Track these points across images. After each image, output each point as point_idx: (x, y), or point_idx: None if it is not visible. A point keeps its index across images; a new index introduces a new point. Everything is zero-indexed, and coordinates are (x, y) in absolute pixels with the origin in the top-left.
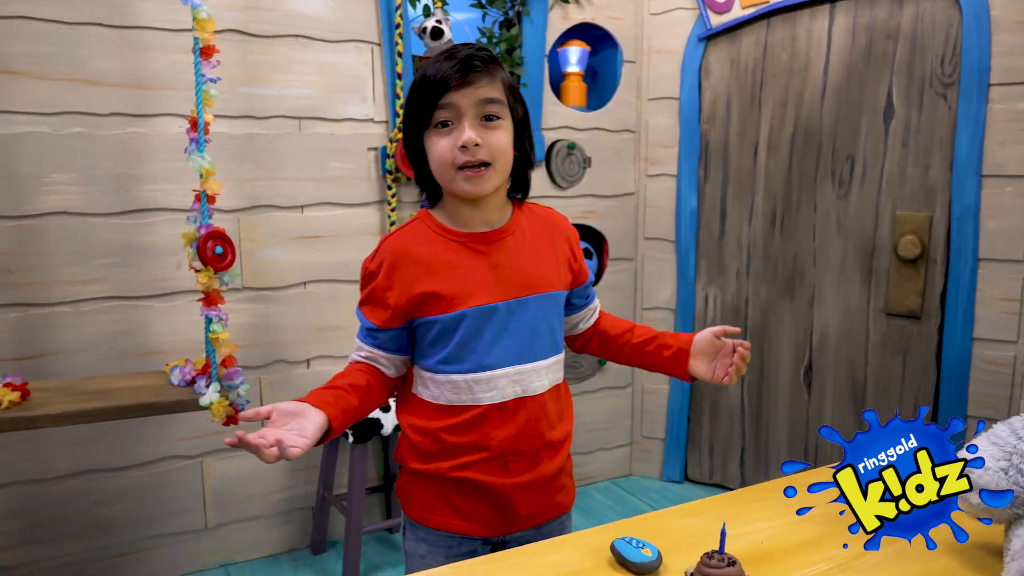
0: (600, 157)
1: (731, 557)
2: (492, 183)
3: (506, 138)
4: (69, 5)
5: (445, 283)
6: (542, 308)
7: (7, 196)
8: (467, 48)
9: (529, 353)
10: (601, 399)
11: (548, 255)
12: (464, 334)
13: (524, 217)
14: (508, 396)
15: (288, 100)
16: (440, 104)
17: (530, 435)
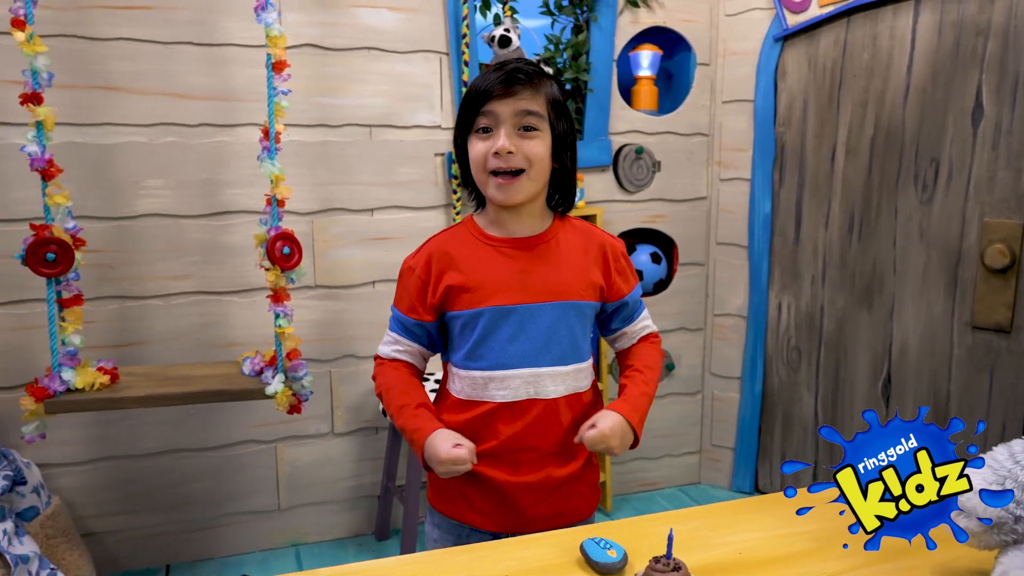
0: (671, 161)
1: (677, 562)
2: (524, 191)
3: (541, 149)
4: (164, 27)
5: (470, 280)
6: (564, 315)
7: (109, 199)
8: (516, 62)
9: (545, 357)
10: (669, 405)
11: (579, 266)
12: (482, 331)
13: (563, 229)
14: (520, 396)
15: (360, 109)
16: (482, 111)
17: (539, 436)
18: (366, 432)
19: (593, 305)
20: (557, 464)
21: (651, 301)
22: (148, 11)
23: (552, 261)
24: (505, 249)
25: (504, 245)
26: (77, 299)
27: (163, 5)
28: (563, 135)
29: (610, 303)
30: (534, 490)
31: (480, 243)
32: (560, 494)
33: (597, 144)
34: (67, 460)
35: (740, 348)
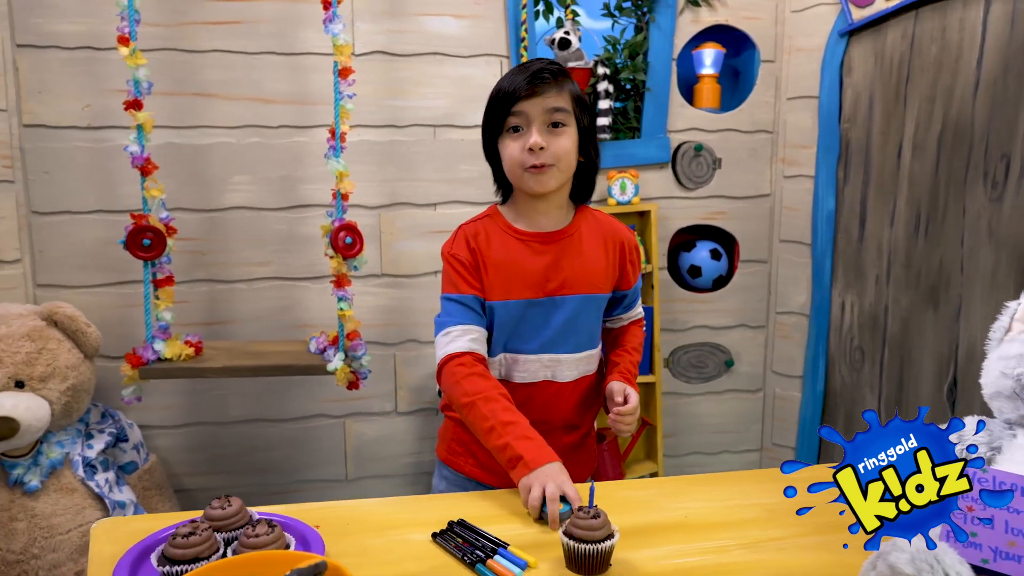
0: (732, 158)
1: (597, 510)
2: (555, 181)
3: (570, 143)
4: (251, 39)
5: (503, 274)
6: (582, 307)
7: (201, 194)
8: (539, 63)
9: (563, 345)
10: (728, 401)
11: (600, 259)
12: (510, 321)
13: (585, 221)
14: (538, 378)
15: (425, 110)
16: (512, 111)
17: (549, 413)
18: (427, 412)
19: (607, 297)
20: (562, 434)
21: (710, 297)
22: (238, 25)
23: (576, 255)
24: (533, 244)
25: (532, 239)
26: (169, 280)
27: (251, 19)
28: (587, 129)
29: (619, 292)
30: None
31: (509, 236)
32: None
33: (655, 142)
34: (164, 423)
35: (802, 347)
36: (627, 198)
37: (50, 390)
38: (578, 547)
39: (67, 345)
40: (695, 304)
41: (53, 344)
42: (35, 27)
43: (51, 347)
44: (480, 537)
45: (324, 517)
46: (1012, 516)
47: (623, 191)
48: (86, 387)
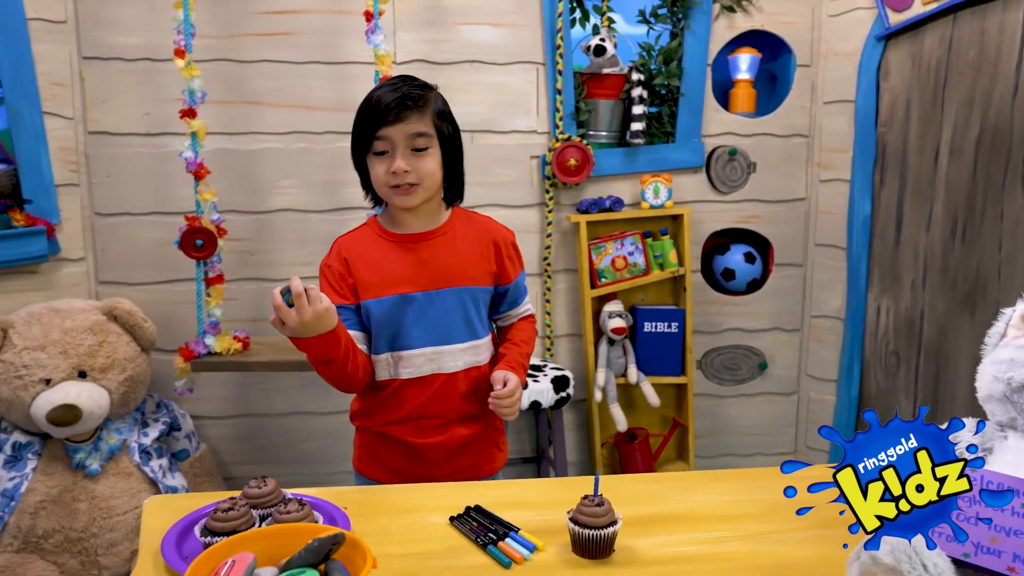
0: (767, 162)
1: (602, 499)
2: (420, 198)
3: (433, 163)
4: (298, 50)
5: (375, 274)
6: (460, 299)
7: (250, 196)
8: (405, 85)
9: (446, 337)
10: (761, 404)
11: (474, 255)
12: (388, 318)
13: (459, 221)
14: (424, 372)
15: (463, 116)
16: (377, 136)
17: (441, 405)
18: None
19: (487, 289)
20: (459, 427)
21: (744, 300)
22: (286, 36)
23: (448, 251)
24: (405, 244)
25: (404, 240)
26: (219, 278)
27: (298, 31)
28: (450, 138)
29: (501, 287)
30: (439, 449)
31: (382, 240)
32: (465, 452)
33: (689, 146)
34: (214, 414)
35: (837, 350)
36: (660, 202)
37: (110, 380)
38: (583, 532)
39: (126, 338)
40: (728, 307)
41: (113, 337)
42: (99, 40)
43: (111, 340)
44: (494, 521)
45: (352, 500)
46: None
47: (656, 195)
48: (142, 378)
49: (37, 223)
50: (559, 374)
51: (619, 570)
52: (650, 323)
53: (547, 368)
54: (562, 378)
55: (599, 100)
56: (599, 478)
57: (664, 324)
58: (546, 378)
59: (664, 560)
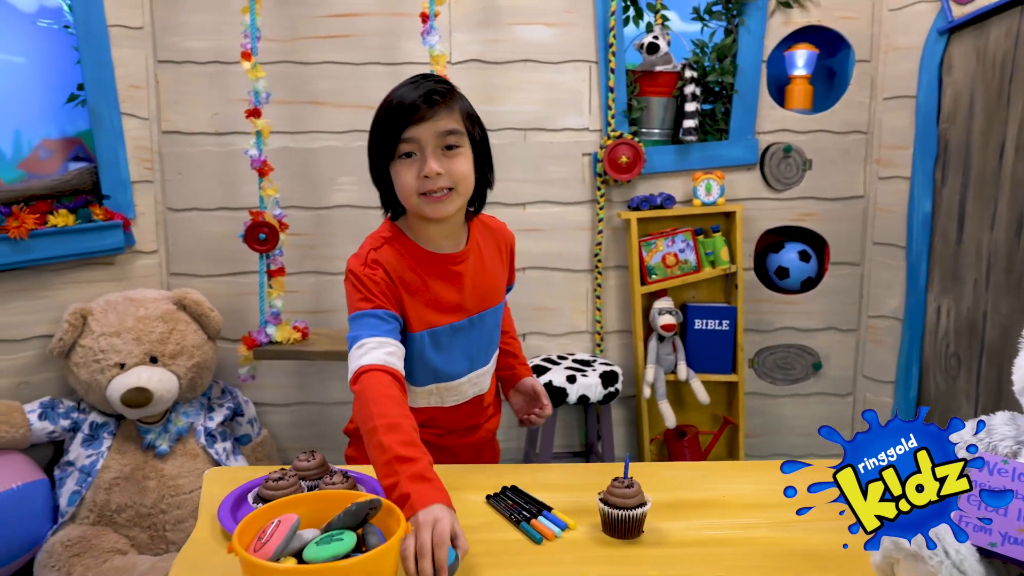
0: (824, 159)
1: (631, 481)
2: (455, 206)
3: (467, 164)
4: (357, 51)
5: (422, 301)
6: (494, 319)
7: (311, 193)
8: (427, 82)
9: (482, 358)
10: (815, 405)
11: (498, 268)
12: (437, 348)
13: (477, 231)
14: (469, 396)
15: (516, 115)
16: (403, 138)
17: (474, 417)
18: None
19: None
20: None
21: (798, 299)
22: (347, 38)
23: (481, 270)
24: (446, 265)
25: (444, 262)
26: (280, 271)
27: (357, 33)
28: (481, 142)
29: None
30: (470, 448)
31: (421, 261)
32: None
33: (743, 143)
34: (275, 402)
35: (895, 352)
36: (712, 199)
37: (179, 366)
38: (612, 512)
39: (193, 327)
40: (782, 305)
41: (182, 326)
42: (173, 45)
43: (180, 328)
44: (528, 501)
45: None
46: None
47: (708, 192)
48: (209, 365)
49: (114, 217)
50: (608, 369)
51: (647, 550)
52: (701, 320)
53: (596, 363)
54: (611, 373)
55: (652, 98)
56: (629, 461)
57: (715, 321)
58: (595, 373)
59: (691, 543)
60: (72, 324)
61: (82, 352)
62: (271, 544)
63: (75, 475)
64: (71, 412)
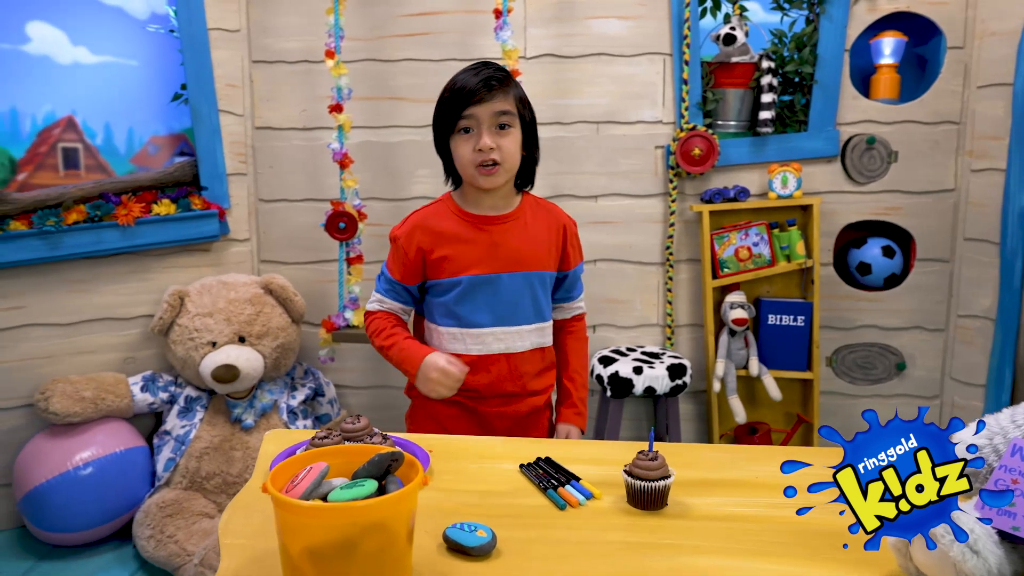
0: (910, 151)
1: (656, 454)
2: (502, 178)
3: (515, 143)
4: (435, 48)
5: (451, 252)
6: (528, 282)
7: (391, 184)
8: (487, 69)
9: (513, 318)
10: (898, 406)
11: (543, 240)
12: (461, 296)
13: (530, 207)
14: (493, 351)
15: (589, 108)
16: (463, 115)
17: (511, 383)
18: None
19: (552, 274)
20: (525, 399)
21: (881, 296)
22: (426, 36)
23: (519, 236)
24: (480, 225)
25: (479, 221)
26: (359, 258)
27: (436, 31)
28: (529, 125)
29: (561, 272)
30: (506, 418)
31: (457, 218)
32: (523, 424)
33: (823, 135)
34: (353, 384)
35: (986, 353)
36: (788, 192)
37: (264, 346)
38: (635, 484)
39: (279, 310)
40: (863, 302)
41: (268, 309)
42: (267, 46)
43: (267, 311)
44: (558, 471)
45: (438, 445)
46: None
47: (784, 184)
48: (292, 346)
49: (211, 207)
50: (676, 362)
51: (668, 521)
52: (774, 316)
53: (664, 356)
54: (679, 366)
55: (727, 89)
56: (654, 434)
57: (789, 317)
58: (662, 365)
59: (714, 517)
60: (171, 305)
61: (179, 331)
62: (300, 487)
63: (171, 443)
64: (169, 386)
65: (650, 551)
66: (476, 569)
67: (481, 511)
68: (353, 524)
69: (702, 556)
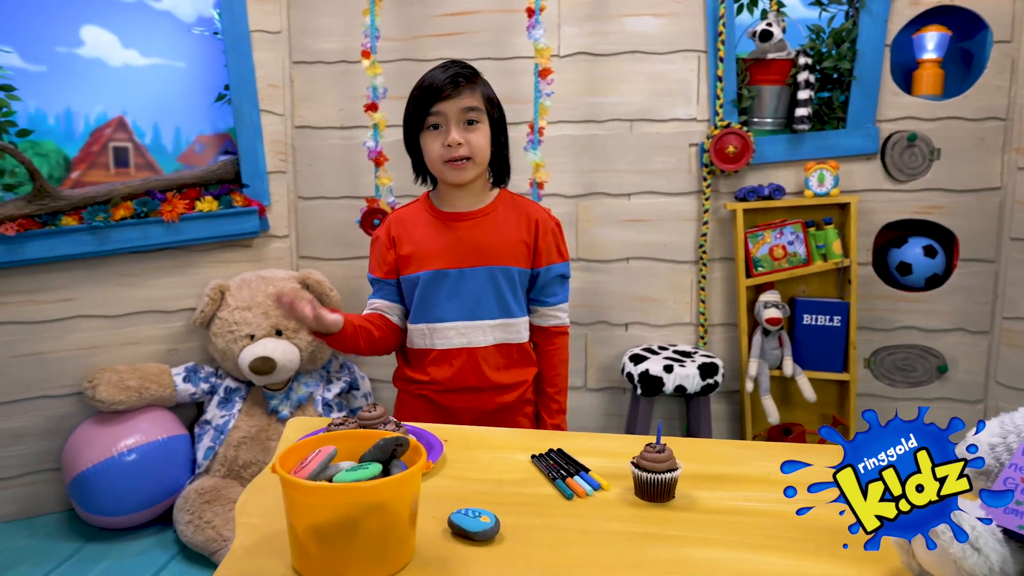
0: (954, 148)
1: (663, 446)
2: (472, 173)
3: (484, 138)
4: (469, 47)
5: (415, 249)
6: (491, 277)
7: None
8: (455, 67)
9: (476, 312)
10: (940, 411)
11: (511, 235)
12: (424, 291)
13: (503, 204)
14: (455, 344)
15: (622, 106)
16: (431, 112)
17: (473, 376)
18: (614, 391)
19: (522, 271)
20: (493, 395)
21: (921, 297)
22: (460, 35)
23: (487, 231)
24: (448, 221)
25: (446, 218)
26: None
27: (470, 30)
28: (498, 121)
29: (534, 269)
30: (471, 412)
31: (428, 216)
32: (495, 418)
33: (862, 132)
34: (387, 378)
35: None
36: (825, 190)
37: (300, 339)
38: (642, 476)
39: None
40: (903, 303)
41: None
42: (307, 47)
43: None
44: (569, 462)
45: (454, 435)
46: None
47: (821, 182)
48: None
49: (252, 204)
50: (707, 361)
51: (673, 513)
52: (810, 315)
53: (696, 355)
54: (710, 365)
55: (763, 86)
56: (662, 428)
57: (825, 317)
58: (693, 364)
59: (720, 511)
60: (212, 298)
61: (219, 323)
62: (308, 468)
63: (210, 432)
64: (210, 377)
65: (653, 541)
66: (478, 553)
67: (489, 498)
68: (355, 504)
69: (705, 548)
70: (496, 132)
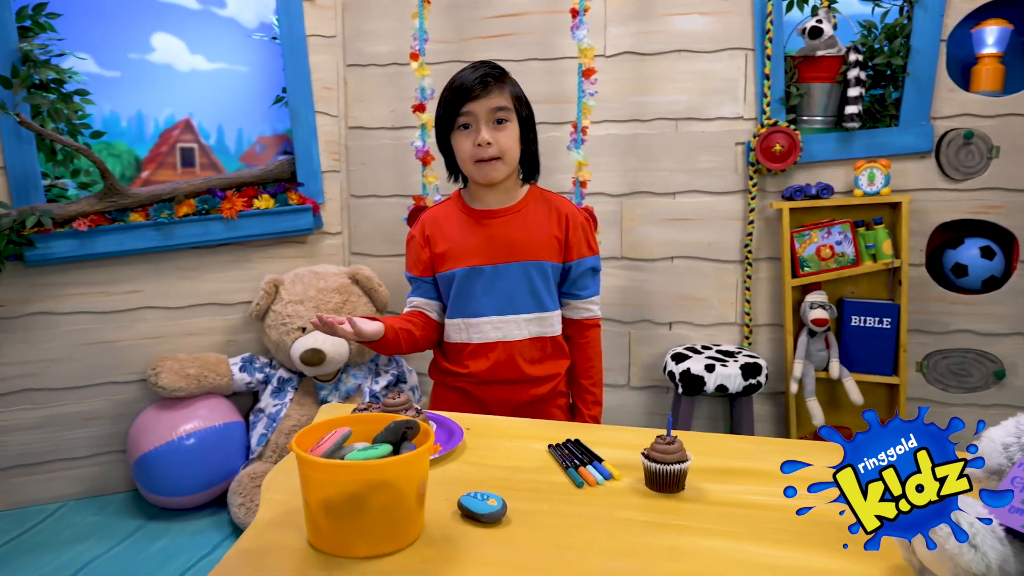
0: (1014, 146)
1: (673, 438)
2: (502, 172)
3: (512, 137)
4: (517, 48)
5: (450, 246)
6: (525, 273)
7: None
8: (484, 67)
9: (510, 307)
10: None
11: (542, 230)
12: (459, 288)
13: (534, 200)
14: (491, 339)
15: (668, 105)
16: (461, 112)
17: (507, 369)
18: (658, 389)
19: (554, 265)
20: (525, 387)
21: (977, 299)
22: (508, 37)
23: (518, 227)
24: (480, 219)
25: (480, 216)
26: None
27: (518, 32)
28: (527, 119)
29: (566, 264)
30: (505, 404)
31: (461, 214)
32: (529, 410)
33: (915, 129)
34: None
35: None
36: (875, 189)
37: None
38: (652, 467)
39: (364, 299)
40: (958, 306)
41: (355, 298)
42: (360, 50)
43: (353, 300)
44: (584, 452)
45: (475, 424)
46: None
47: (871, 181)
48: None
49: (306, 202)
50: (750, 361)
51: (681, 504)
52: (858, 317)
53: (740, 355)
54: (753, 365)
55: (813, 84)
56: (672, 420)
57: (874, 319)
58: (735, 364)
59: (728, 503)
60: (267, 292)
61: (273, 316)
62: (323, 447)
63: (264, 420)
64: (264, 367)
65: (657, 529)
66: (484, 534)
67: (502, 484)
68: (362, 481)
69: (709, 538)
70: (525, 130)
